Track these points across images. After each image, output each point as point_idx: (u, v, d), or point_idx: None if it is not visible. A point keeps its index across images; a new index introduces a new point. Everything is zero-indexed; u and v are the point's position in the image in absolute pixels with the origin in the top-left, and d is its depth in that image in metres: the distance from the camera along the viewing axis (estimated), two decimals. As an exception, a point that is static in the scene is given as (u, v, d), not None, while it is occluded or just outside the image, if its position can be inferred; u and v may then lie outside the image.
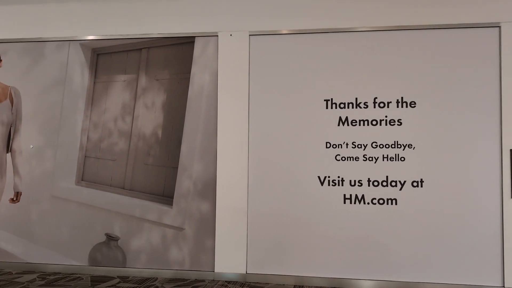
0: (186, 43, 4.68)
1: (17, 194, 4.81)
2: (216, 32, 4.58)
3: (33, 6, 4.89)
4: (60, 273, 4.60)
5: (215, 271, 4.41)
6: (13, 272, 4.60)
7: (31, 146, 4.82)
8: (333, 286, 4.19)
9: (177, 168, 4.60)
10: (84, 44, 4.82)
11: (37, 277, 4.42)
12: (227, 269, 4.39)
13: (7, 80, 4.92)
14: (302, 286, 4.20)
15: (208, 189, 4.51)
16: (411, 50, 4.27)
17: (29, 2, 4.89)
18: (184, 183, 4.57)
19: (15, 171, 4.83)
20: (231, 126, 4.50)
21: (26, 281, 4.27)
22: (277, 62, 4.49)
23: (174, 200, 4.57)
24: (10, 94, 4.89)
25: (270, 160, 4.42)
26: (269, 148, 4.43)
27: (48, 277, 4.45)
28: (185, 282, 4.32)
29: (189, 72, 4.65)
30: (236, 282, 4.31)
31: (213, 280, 4.38)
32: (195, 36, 4.64)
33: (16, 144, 4.85)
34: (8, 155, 4.86)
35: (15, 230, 4.80)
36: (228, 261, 4.39)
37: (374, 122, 4.30)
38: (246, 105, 4.48)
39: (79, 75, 4.82)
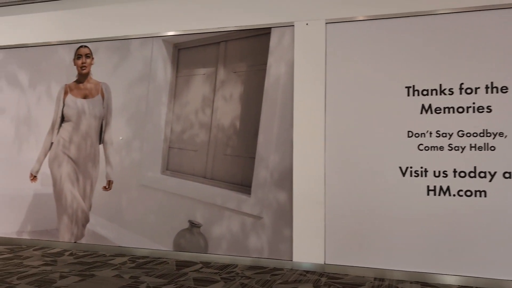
0: (262, 34, 4.72)
1: (109, 183, 5.20)
2: (292, 22, 4.57)
3: (119, 6, 5.21)
4: (148, 256, 4.92)
5: (293, 260, 4.46)
6: (107, 255, 5.00)
7: (121, 138, 5.18)
8: (415, 280, 4.05)
9: (254, 158, 4.70)
10: (166, 40, 5.06)
11: (128, 260, 4.77)
12: (305, 258, 4.42)
13: (99, 77, 5.31)
14: (383, 279, 4.11)
15: (284, 179, 4.55)
16: (501, 30, 3.95)
17: (116, 2, 5.22)
18: (261, 173, 4.65)
19: (107, 161, 5.23)
20: (307, 117, 4.48)
21: (119, 263, 4.63)
22: (354, 50, 4.38)
23: (252, 189, 4.68)
24: (101, 89, 5.28)
25: (347, 150, 4.35)
26: (347, 138, 4.36)
27: (137, 260, 4.78)
28: (264, 270, 4.42)
29: (266, 64, 4.70)
30: (315, 272, 4.33)
31: (291, 269, 4.43)
32: (271, 27, 4.67)
33: (107, 136, 5.23)
34: (101, 146, 5.27)
35: (108, 216, 5.20)
36: (306, 251, 4.41)
37: (460, 110, 4.05)
38: (323, 95, 4.44)
39: (162, 70, 5.08)
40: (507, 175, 3.88)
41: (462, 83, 4.05)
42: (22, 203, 5.55)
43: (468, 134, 4.00)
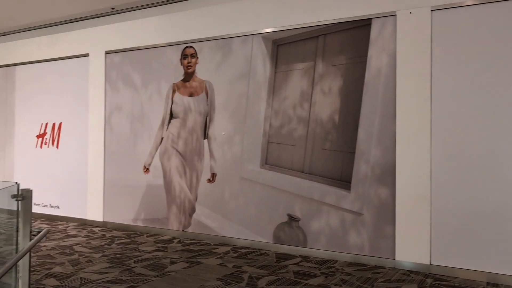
0: (362, 26, 4.60)
1: (213, 175, 5.48)
2: (394, 11, 4.38)
3: (221, 6, 5.43)
4: (249, 247, 5.09)
5: (396, 259, 4.30)
6: (211, 244, 5.28)
7: (223, 133, 5.42)
8: (537, 288, 3.67)
9: (354, 153, 4.60)
10: (265, 36, 5.16)
11: (231, 250, 4.99)
12: (408, 258, 4.24)
13: (203, 75, 5.60)
14: (497, 284, 3.78)
15: (386, 175, 4.40)
16: None
17: (218, 2, 5.45)
18: (362, 168, 4.54)
19: (211, 155, 5.50)
20: (411, 109, 4.27)
21: (222, 252, 4.86)
22: (463, 37, 4.06)
23: (351, 184, 4.60)
24: (206, 87, 5.56)
25: (456, 145, 4.06)
26: (455, 132, 4.07)
27: (239, 250, 4.98)
28: (364, 267, 4.33)
29: (366, 56, 4.56)
30: (419, 272, 4.13)
31: (393, 268, 4.28)
32: (371, 18, 4.52)
33: (211, 132, 5.51)
34: (205, 141, 5.56)
35: (212, 206, 5.49)
36: (410, 250, 4.23)
37: None
38: (428, 86, 4.19)
39: (262, 66, 5.19)
40: None
41: None
42: (137, 193, 6.09)
43: None
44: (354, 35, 4.66)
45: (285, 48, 5.08)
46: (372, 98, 4.51)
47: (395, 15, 4.37)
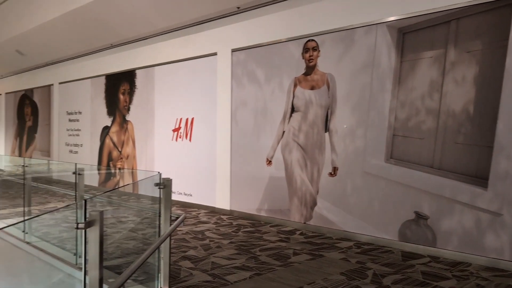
0: (502, 7, 4.13)
1: (334, 169, 5.45)
2: (544, -14, 3.85)
3: (343, -3, 5.34)
4: (373, 244, 4.97)
5: (543, 266, 3.82)
6: (333, 238, 5.27)
7: (345, 126, 5.35)
8: None
9: (492, 147, 4.19)
10: (390, 25, 4.94)
11: (353, 245, 4.93)
12: (560, 266, 3.74)
13: (325, 68, 5.58)
14: None
15: (533, 172, 3.91)
16: None
17: (340, -6, 5.37)
18: (501, 164, 4.11)
19: (332, 148, 5.47)
20: None
21: (345, 247, 4.83)
22: None
23: (489, 182, 4.19)
24: (327, 80, 5.53)
25: None
26: None
27: (362, 246, 4.89)
28: (504, 273, 3.93)
29: (507, 39, 4.10)
30: None
31: (540, 276, 3.82)
32: (515, -4, 4.04)
33: (332, 125, 5.47)
34: (326, 134, 5.55)
35: (333, 200, 5.47)
36: (562, 258, 3.72)
37: None
38: None
39: (386, 56, 4.99)
40: None
41: None
42: (260, 184, 6.34)
43: None
44: (492, 17, 4.21)
45: (411, 36, 4.80)
46: (515, 86, 4.05)
47: (545, -10, 3.85)
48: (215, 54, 7.04)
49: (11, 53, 12.12)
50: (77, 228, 2.08)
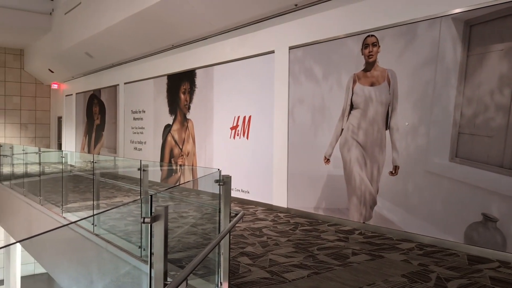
0: None
1: (395, 168, 5.29)
2: None
3: (405, -10, 5.15)
4: (435, 246, 4.78)
5: None
6: (394, 238, 5.13)
7: (407, 124, 5.17)
8: None
9: None
10: (456, 17, 4.71)
11: (415, 247, 4.76)
12: None
13: (385, 64, 5.42)
14: None
15: None
16: None
17: (402, -13, 5.18)
18: None
19: (393, 146, 5.32)
20: None
21: (406, 249, 4.68)
22: None
23: None
24: (387, 76, 5.38)
25: None
26: None
27: (425, 248, 4.71)
28: None
29: None
30: None
31: None
32: None
33: (393, 122, 5.31)
34: (387, 132, 5.39)
35: (394, 200, 5.31)
36: None
37: None
38: None
39: (451, 50, 4.76)
40: None
41: None
42: (318, 183, 6.30)
43: None
44: None
45: (479, 28, 4.55)
46: None
47: None
48: (272, 52, 7.06)
49: (81, 55, 12.91)
50: (143, 222, 2.19)
